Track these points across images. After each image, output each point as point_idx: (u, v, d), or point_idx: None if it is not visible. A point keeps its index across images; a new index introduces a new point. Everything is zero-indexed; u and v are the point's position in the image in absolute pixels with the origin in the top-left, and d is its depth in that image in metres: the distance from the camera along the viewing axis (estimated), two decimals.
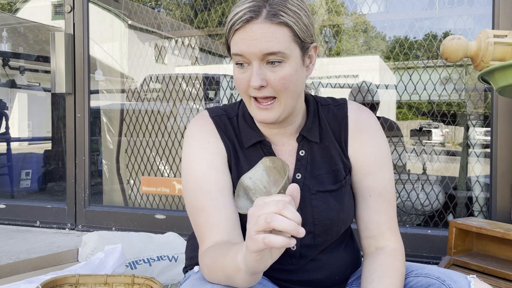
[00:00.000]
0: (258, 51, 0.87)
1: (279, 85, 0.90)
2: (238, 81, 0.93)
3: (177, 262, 1.86)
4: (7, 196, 4.04)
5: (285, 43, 0.88)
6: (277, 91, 0.90)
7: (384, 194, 1.01)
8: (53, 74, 2.79)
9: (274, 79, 0.89)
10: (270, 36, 0.87)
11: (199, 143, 0.99)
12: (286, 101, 0.92)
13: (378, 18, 3.05)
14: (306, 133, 1.01)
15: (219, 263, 0.83)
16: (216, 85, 3.38)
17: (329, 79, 3.35)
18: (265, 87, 0.90)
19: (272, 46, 0.87)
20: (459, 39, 1.29)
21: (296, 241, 0.97)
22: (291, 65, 0.90)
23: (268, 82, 0.90)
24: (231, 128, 1.03)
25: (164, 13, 4.54)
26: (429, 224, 2.58)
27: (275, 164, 0.86)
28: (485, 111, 2.61)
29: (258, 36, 0.87)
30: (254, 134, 1.01)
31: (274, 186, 0.84)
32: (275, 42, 0.87)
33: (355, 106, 1.06)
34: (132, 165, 3.29)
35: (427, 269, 0.96)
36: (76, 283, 1.33)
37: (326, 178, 0.99)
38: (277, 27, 0.87)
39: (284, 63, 0.89)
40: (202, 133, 1.01)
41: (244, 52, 0.89)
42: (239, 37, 0.89)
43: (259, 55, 0.88)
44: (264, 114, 0.93)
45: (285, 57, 0.89)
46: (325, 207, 0.97)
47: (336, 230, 1.00)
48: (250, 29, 0.87)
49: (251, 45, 0.87)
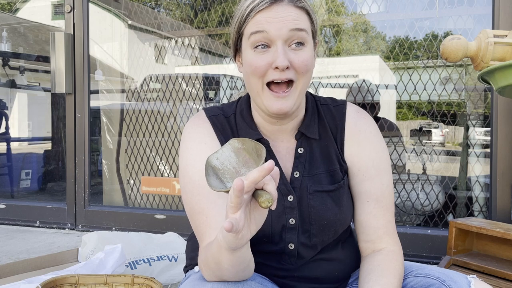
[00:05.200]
0: (286, 28, 0.89)
1: (302, 67, 0.91)
2: (256, 64, 0.91)
3: (177, 262, 1.86)
4: (7, 196, 4.04)
5: (307, 26, 0.93)
6: (299, 73, 0.91)
7: (382, 200, 1.00)
8: (53, 74, 2.79)
9: (298, 61, 0.91)
10: (296, 16, 0.91)
11: (195, 144, 0.98)
12: (302, 87, 0.94)
13: (378, 18, 3.05)
14: (305, 130, 1.00)
15: (209, 251, 0.83)
16: (216, 85, 3.38)
17: (329, 79, 3.35)
18: (289, 69, 0.91)
19: (299, 23, 0.90)
20: (459, 39, 1.29)
21: (294, 241, 0.97)
22: (310, 49, 0.94)
23: (291, 63, 0.90)
24: (228, 127, 1.02)
25: (164, 13, 4.54)
26: (429, 224, 2.58)
27: (245, 146, 0.84)
28: (485, 111, 2.61)
29: (285, 15, 0.90)
30: (252, 132, 1.01)
31: (244, 167, 0.82)
32: (301, 21, 0.91)
33: (354, 109, 1.05)
34: (132, 165, 3.29)
35: (427, 269, 0.95)
36: (76, 283, 1.33)
37: (324, 178, 0.99)
38: (300, 11, 0.92)
39: (305, 47, 0.92)
40: (198, 134, 1.00)
41: (270, 30, 0.89)
42: (263, 17, 0.90)
43: (285, 34, 0.90)
44: (280, 103, 0.92)
45: (306, 40, 0.92)
46: (322, 207, 0.97)
47: (333, 231, 0.99)
48: (276, 9, 0.90)
49: (278, 23, 0.89)
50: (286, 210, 0.97)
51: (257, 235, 0.95)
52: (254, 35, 0.91)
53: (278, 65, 0.88)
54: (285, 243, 0.97)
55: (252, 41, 0.91)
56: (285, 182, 0.99)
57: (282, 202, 0.97)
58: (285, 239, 0.97)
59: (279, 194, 0.97)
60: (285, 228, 0.97)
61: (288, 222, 0.97)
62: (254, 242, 0.99)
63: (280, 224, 0.96)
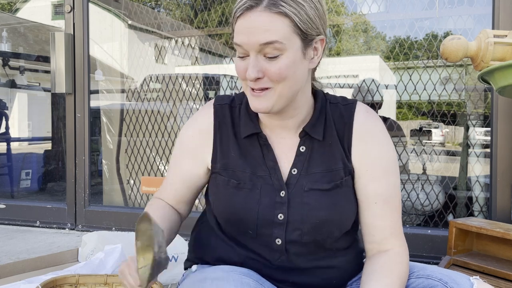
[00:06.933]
0: (255, 41, 0.88)
1: (275, 76, 0.90)
2: (238, 69, 0.94)
3: (177, 262, 1.85)
4: (7, 196, 4.04)
5: (284, 33, 0.88)
6: (274, 81, 0.91)
7: (389, 201, 0.99)
8: (53, 74, 2.79)
9: (271, 70, 0.90)
10: (268, 24, 0.87)
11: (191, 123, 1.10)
12: (282, 92, 0.92)
13: (378, 18, 3.05)
14: (309, 130, 1.00)
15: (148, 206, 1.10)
16: (216, 85, 3.38)
17: (329, 79, 3.35)
18: (262, 78, 0.90)
19: (269, 36, 0.87)
20: (459, 39, 1.29)
21: (281, 237, 0.97)
22: (288, 56, 0.89)
23: (264, 73, 0.90)
24: (229, 118, 1.05)
25: (164, 13, 4.54)
26: (429, 224, 2.58)
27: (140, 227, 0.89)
28: (485, 111, 2.61)
29: (256, 24, 0.87)
30: (252, 125, 1.02)
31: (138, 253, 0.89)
32: (272, 32, 0.87)
33: (364, 109, 1.04)
34: (132, 165, 3.29)
35: (429, 270, 0.95)
36: (76, 283, 1.33)
37: (321, 177, 0.98)
38: (276, 16, 0.87)
39: (281, 56, 0.89)
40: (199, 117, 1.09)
41: (243, 43, 0.90)
42: (241, 25, 0.90)
43: (256, 46, 0.88)
44: (257, 102, 0.93)
45: (283, 48, 0.88)
46: (315, 205, 0.96)
47: (327, 231, 0.97)
48: (249, 17, 0.88)
49: (249, 34, 0.88)
50: (276, 205, 0.97)
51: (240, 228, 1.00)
52: (235, 45, 0.93)
53: (247, 77, 0.90)
54: (272, 238, 0.98)
55: (236, 48, 0.94)
56: (279, 177, 0.99)
57: (273, 197, 0.98)
58: (272, 234, 0.97)
59: (271, 189, 0.98)
60: (272, 223, 0.97)
61: (277, 217, 0.97)
62: (239, 235, 1.02)
63: (267, 218, 0.97)
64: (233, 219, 1.00)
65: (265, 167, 1.00)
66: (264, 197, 0.98)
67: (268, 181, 0.99)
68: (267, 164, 1.00)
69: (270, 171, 1.00)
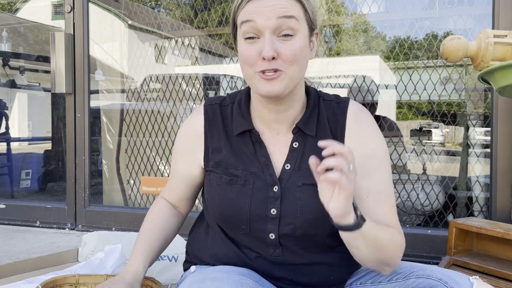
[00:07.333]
0: (274, 17, 0.90)
1: (290, 57, 0.91)
2: (246, 54, 0.94)
3: (177, 262, 1.85)
4: (7, 196, 4.04)
5: (299, 14, 0.93)
6: (287, 63, 0.92)
7: (382, 193, 1.00)
8: (53, 74, 2.79)
9: (285, 51, 0.91)
10: (286, 3, 0.91)
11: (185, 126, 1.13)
12: (293, 74, 0.94)
13: (378, 18, 3.05)
14: (302, 126, 1.01)
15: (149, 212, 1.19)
16: (216, 85, 3.38)
17: (329, 79, 3.35)
18: (276, 59, 0.91)
19: (289, 11, 0.91)
20: (459, 39, 1.29)
21: (275, 231, 0.98)
22: (301, 38, 0.93)
23: (279, 54, 0.91)
24: (220, 117, 1.07)
25: (164, 13, 4.54)
26: (429, 224, 2.58)
27: None
28: (485, 111, 2.61)
29: (274, 2, 0.91)
30: (244, 122, 1.03)
31: None
32: (290, 9, 0.91)
33: (356, 107, 1.06)
34: (132, 165, 3.29)
35: (429, 270, 0.95)
36: (76, 283, 1.33)
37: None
38: (291, 0, 0.92)
39: (294, 37, 0.92)
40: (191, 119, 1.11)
41: (258, 20, 0.91)
42: (253, 6, 0.92)
43: (273, 23, 0.90)
44: (269, 85, 0.93)
45: (296, 29, 0.92)
46: (308, 200, 0.97)
47: (321, 225, 0.97)
48: None
49: (267, 12, 0.90)
50: (269, 200, 0.98)
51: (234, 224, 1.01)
52: (244, 24, 0.93)
53: (264, 56, 0.90)
54: (265, 232, 0.98)
55: (243, 30, 0.94)
56: (272, 173, 1.00)
57: (266, 192, 0.99)
58: (265, 229, 0.98)
59: (264, 184, 0.99)
60: (265, 218, 0.98)
61: (270, 212, 0.98)
62: (233, 231, 1.03)
63: (260, 213, 0.98)
64: (227, 215, 1.01)
65: (257, 163, 1.01)
66: (257, 192, 0.99)
67: (260, 177, 1.00)
68: (260, 160, 1.02)
69: (263, 166, 1.01)
